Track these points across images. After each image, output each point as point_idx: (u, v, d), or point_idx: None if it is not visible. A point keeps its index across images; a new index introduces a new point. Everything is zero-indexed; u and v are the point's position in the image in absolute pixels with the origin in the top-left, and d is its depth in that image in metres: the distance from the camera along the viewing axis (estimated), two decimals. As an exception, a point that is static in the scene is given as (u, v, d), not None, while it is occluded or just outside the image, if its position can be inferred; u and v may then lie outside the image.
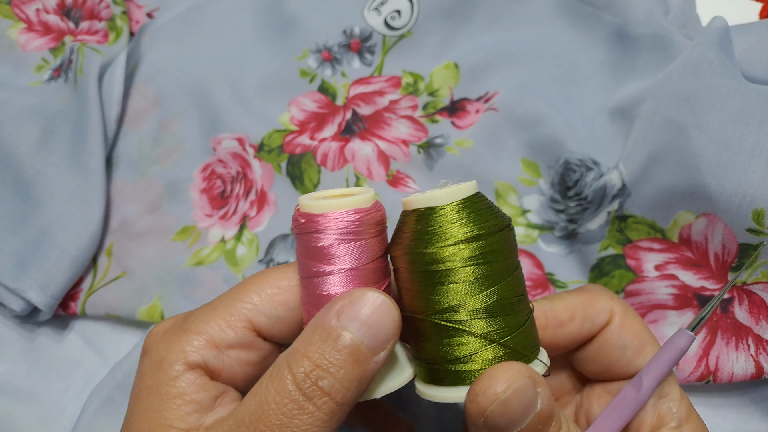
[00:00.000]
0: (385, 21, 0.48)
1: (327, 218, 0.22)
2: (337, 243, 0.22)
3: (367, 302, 0.20)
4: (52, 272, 0.38)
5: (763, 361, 0.33)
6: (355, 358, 0.20)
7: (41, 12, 0.51)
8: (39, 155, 0.42)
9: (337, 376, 0.19)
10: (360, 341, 0.20)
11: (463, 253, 0.20)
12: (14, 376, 0.38)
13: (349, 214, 0.21)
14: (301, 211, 0.22)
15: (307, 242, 0.22)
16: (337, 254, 0.22)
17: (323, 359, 0.19)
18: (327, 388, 0.19)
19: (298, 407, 0.19)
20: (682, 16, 0.45)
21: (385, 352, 0.20)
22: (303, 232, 0.22)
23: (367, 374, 0.20)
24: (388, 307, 0.20)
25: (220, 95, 0.46)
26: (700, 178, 0.34)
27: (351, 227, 0.21)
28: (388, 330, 0.20)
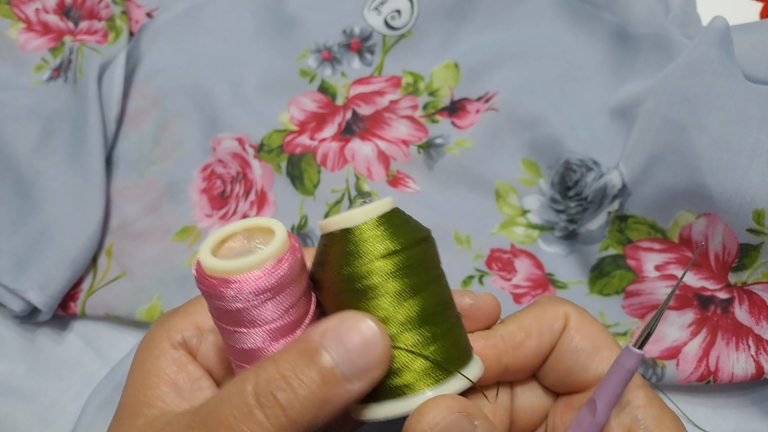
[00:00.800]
0: (385, 21, 0.48)
1: (236, 283, 0.18)
2: (253, 307, 0.19)
3: (358, 328, 0.19)
4: (51, 272, 0.38)
5: (764, 361, 0.33)
6: (324, 380, 0.18)
7: (41, 12, 0.51)
8: (38, 155, 0.42)
9: (297, 392, 0.18)
10: (335, 364, 0.19)
11: (384, 268, 0.20)
12: (14, 377, 0.38)
13: (263, 274, 0.19)
14: (203, 273, 0.19)
15: (217, 305, 0.19)
16: (256, 316, 0.19)
17: (290, 371, 0.18)
18: (283, 401, 0.18)
19: (248, 412, 0.18)
20: (682, 15, 0.45)
21: (362, 383, 0.19)
22: (215, 296, 0.19)
23: (334, 400, 0.18)
24: (377, 338, 0.19)
25: (220, 95, 0.46)
26: (700, 178, 0.34)
27: (278, 282, 0.19)
28: (371, 360, 0.19)
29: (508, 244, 0.41)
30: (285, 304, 0.19)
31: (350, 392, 0.19)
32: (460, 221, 0.41)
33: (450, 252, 0.40)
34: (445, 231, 0.40)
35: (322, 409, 0.18)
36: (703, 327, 0.35)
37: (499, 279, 0.39)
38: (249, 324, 0.19)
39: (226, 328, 0.20)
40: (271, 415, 0.18)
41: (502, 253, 0.40)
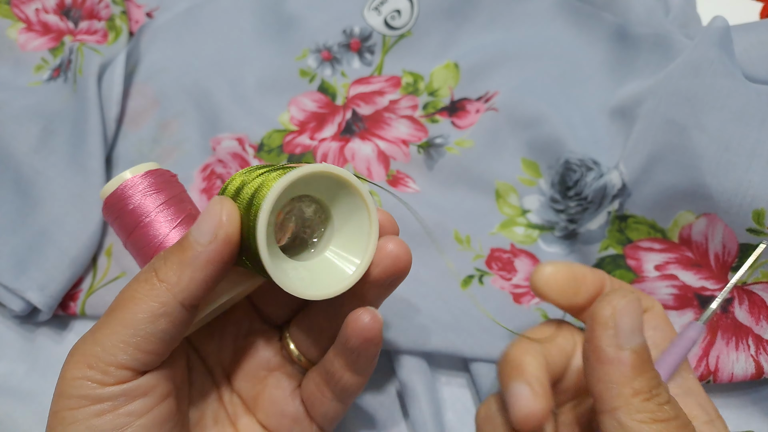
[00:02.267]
0: (385, 20, 0.48)
1: (126, 187, 0.28)
2: (139, 201, 0.28)
3: (208, 204, 0.24)
4: (51, 272, 0.38)
5: (764, 361, 0.33)
6: (180, 244, 0.24)
7: (40, 12, 0.51)
8: (38, 155, 0.42)
9: (166, 260, 0.23)
10: (189, 233, 0.24)
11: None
12: (13, 377, 0.38)
13: (140, 177, 0.29)
14: (105, 198, 0.28)
15: (122, 216, 0.28)
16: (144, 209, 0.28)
17: (168, 249, 0.24)
18: (156, 266, 0.24)
19: (135, 280, 0.24)
20: (682, 15, 0.45)
21: (212, 242, 0.23)
22: (114, 213, 0.28)
23: (191, 259, 0.23)
24: (214, 202, 0.24)
25: (220, 95, 0.46)
26: (700, 178, 0.34)
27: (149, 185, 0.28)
28: (212, 218, 0.23)
29: (508, 243, 0.41)
30: (159, 201, 0.28)
31: (207, 252, 0.23)
32: (460, 221, 0.41)
33: (450, 252, 0.40)
34: (445, 231, 0.40)
35: (184, 270, 0.23)
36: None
37: (499, 279, 0.39)
38: (143, 217, 0.28)
39: (132, 234, 0.28)
40: (149, 276, 0.24)
41: (502, 252, 0.40)
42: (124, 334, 0.23)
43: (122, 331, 0.23)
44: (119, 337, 0.23)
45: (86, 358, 0.23)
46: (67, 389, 0.23)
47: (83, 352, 0.23)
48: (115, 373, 0.23)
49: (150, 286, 0.23)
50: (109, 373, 0.23)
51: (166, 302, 0.23)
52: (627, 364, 0.22)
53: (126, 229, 0.29)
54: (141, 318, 0.23)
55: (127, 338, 0.23)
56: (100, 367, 0.23)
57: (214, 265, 0.23)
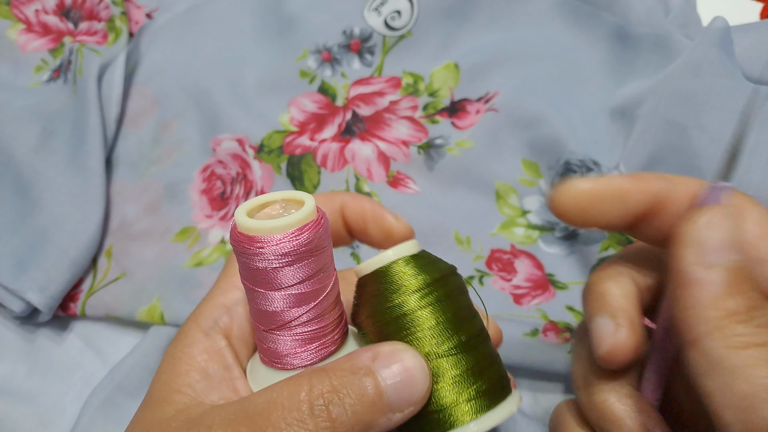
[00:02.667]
0: (385, 21, 0.48)
1: (260, 243, 0.20)
2: (274, 268, 0.20)
3: (406, 358, 0.20)
4: (51, 273, 0.38)
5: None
6: (372, 404, 0.19)
7: (40, 13, 0.51)
8: (38, 156, 0.42)
9: (348, 409, 0.19)
10: (384, 390, 0.19)
11: (420, 302, 0.21)
12: (14, 378, 0.38)
13: (292, 235, 0.20)
14: (239, 232, 0.21)
15: (244, 262, 0.21)
16: (276, 278, 0.20)
17: (344, 387, 0.19)
18: (334, 414, 0.19)
19: (299, 419, 0.19)
20: (682, 16, 0.45)
21: (402, 414, 0.20)
22: (243, 253, 0.21)
23: (376, 425, 0.19)
24: (423, 371, 0.20)
25: (220, 96, 0.46)
26: (700, 177, 0.34)
27: (296, 249, 0.20)
28: (416, 393, 0.20)
29: (509, 244, 0.41)
30: (305, 271, 0.21)
31: (391, 420, 0.19)
32: (460, 222, 0.41)
33: (450, 252, 0.40)
34: (446, 231, 0.40)
35: (361, 426, 0.19)
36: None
37: (499, 279, 0.39)
38: (270, 284, 0.21)
39: (251, 288, 0.21)
40: (321, 425, 0.18)
41: (503, 253, 0.40)
42: None
43: None
44: None
45: None
46: None
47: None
48: None
49: (314, 422, 0.19)
50: None
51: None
52: (717, 283, 0.18)
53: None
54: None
55: None
56: None
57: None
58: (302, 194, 0.22)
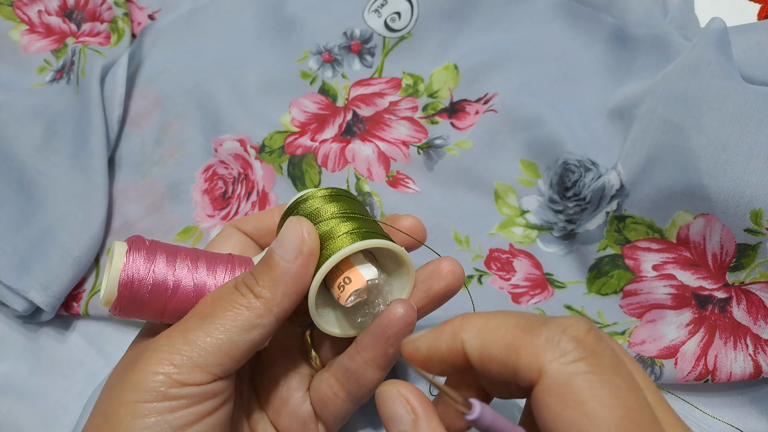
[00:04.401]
0: (385, 23, 0.48)
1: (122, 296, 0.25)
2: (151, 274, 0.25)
3: (286, 224, 0.26)
4: (54, 272, 0.38)
5: (762, 360, 0.33)
6: (266, 262, 0.25)
7: (43, 14, 0.51)
8: (41, 156, 0.43)
9: (255, 276, 0.25)
10: (272, 248, 0.25)
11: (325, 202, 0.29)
12: (16, 376, 0.39)
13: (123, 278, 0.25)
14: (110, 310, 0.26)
15: (140, 307, 0.26)
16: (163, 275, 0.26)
17: (254, 270, 0.26)
18: (249, 283, 0.25)
19: (228, 292, 0.25)
20: (680, 17, 0.45)
21: (298, 257, 0.25)
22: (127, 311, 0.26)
23: (280, 275, 0.25)
24: (293, 222, 0.26)
25: (222, 96, 0.46)
26: (698, 178, 0.34)
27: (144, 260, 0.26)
28: (294, 236, 0.25)
29: (507, 244, 0.41)
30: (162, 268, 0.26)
31: (292, 268, 0.25)
32: (459, 221, 0.41)
33: (449, 252, 0.40)
34: (445, 231, 0.41)
35: (276, 286, 0.25)
36: (701, 326, 0.35)
37: (498, 279, 0.40)
38: (167, 304, 0.26)
39: (166, 312, 0.26)
40: (243, 292, 0.25)
41: (501, 253, 0.41)
42: (219, 339, 0.24)
43: (218, 336, 0.24)
44: (214, 342, 0.24)
45: (172, 356, 0.24)
46: (145, 382, 0.23)
47: (170, 349, 0.24)
48: (199, 375, 0.24)
49: (247, 300, 0.25)
50: (194, 374, 0.24)
51: (262, 315, 0.25)
52: None
53: (156, 308, 0.26)
54: (237, 326, 0.24)
55: (221, 343, 0.24)
56: (186, 367, 0.24)
57: (303, 279, 0.25)
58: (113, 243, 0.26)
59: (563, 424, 0.18)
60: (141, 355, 0.24)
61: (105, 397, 0.25)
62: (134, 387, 0.23)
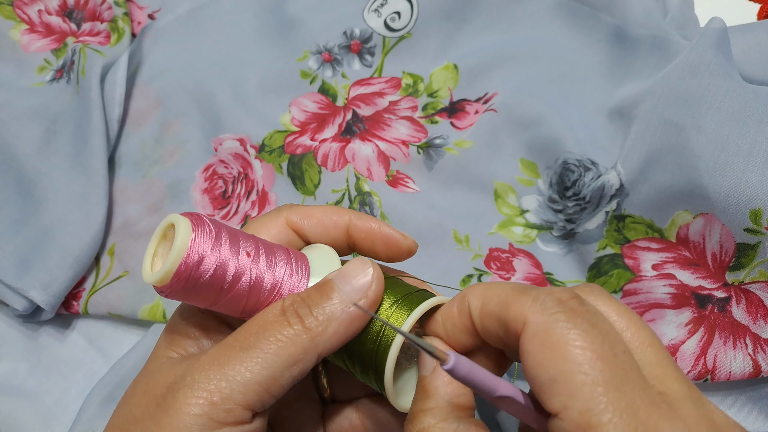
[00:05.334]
0: (385, 22, 0.48)
1: (177, 277, 0.22)
2: (210, 275, 0.23)
3: (350, 264, 0.24)
4: (54, 272, 0.38)
5: (761, 359, 0.33)
6: (326, 293, 0.23)
7: (43, 13, 0.51)
8: (41, 156, 0.43)
9: (312, 307, 0.23)
10: (335, 282, 0.24)
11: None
12: (16, 375, 0.39)
13: (188, 256, 0.22)
14: (160, 289, 0.23)
15: (194, 299, 0.23)
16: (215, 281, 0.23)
17: (308, 295, 0.24)
18: (301, 313, 0.23)
19: (275, 321, 0.23)
20: (680, 17, 0.45)
21: (361, 300, 0.23)
22: (181, 296, 0.23)
23: (337, 315, 0.23)
24: (363, 262, 0.24)
25: (222, 96, 0.46)
26: (697, 178, 0.34)
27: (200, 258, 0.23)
28: (363, 280, 0.24)
29: (507, 243, 0.41)
30: (225, 254, 0.23)
31: (353, 309, 0.23)
32: (459, 221, 0.41)
33: (449, 251, 0.40)
34: (445, 230, 0.41)
35: (330, 323, 0.23)
36: (701, 326, 0.35)
37: (497, 278, 0.40)
38: (215, 296, 0.23)
39: (218, 302, 0.24)
40: (293, 322, 0.23)
41: (501, 252, 0.41)
42: (259, 375, 0.22)
43: (262, 371, 0.22)
44: (254, 378, 0.22)
45: (210, 393, 0.22)
46: (182, 422, 0.22)
47: (207, 386, 0.22)
48: (238, 412, 0.22)
49: (295, 332, 0.23)
50: (233, 412, 0.22)
51: (307, 350, 0.23)
52: None
53: (211, 292, 0.24)
54: (280, 361, 0.22)
55: (261, 379, 0.22)
56: (225, 406, 0.22)
57: (358, 323, 0.23)
58: (167, 219, 0.24)
59: (543, 367, 0.19)
60: (176, 391, 0.22)
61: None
62: (171, 426, 0.22)
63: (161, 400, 0.22)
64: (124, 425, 0.23)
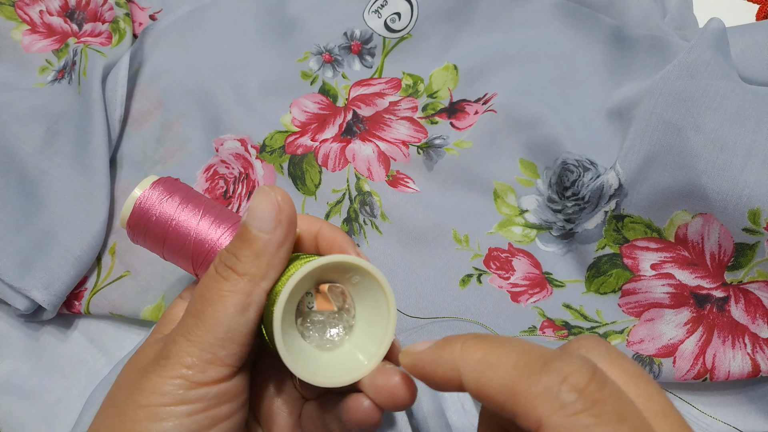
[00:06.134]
0: (385, 23, 0.48)
1: (142, 203, 0.29)
2: (161, 206, 0.29)
3: (256, 194, 0.25)
4: (56, 271, 0.38)
5: (760, 359, 0.34)
6: (243, 236, 0.25)
7: (45, 14, 0.51)
8: (43, 155, 0.43)
9: (234, 253, 0.25)
10: (247, 222, 0.25)
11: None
12: (18, 375, 0.39)
13: (149, 189, 0.29)
14: (126, 221, 0.29)
15: (149, 231, 0.29)
16: (170, 211, 0.29)
17: (230, 246, 0.25)
18: (229, 263, 0.25)
19: (212, 280, 0.25)
20: (679, 17, 0.45)
21: (277, 227, 0.24)
22: (140, 231, 0.29)
23: (263, 248, 0.24)
24: (263, 189, 0.25)
25: (223, 97, 0.46)
26: (696, 178, 0.35)
27: (161, 193, 0.29)
28: (269, 205, 0.24)
29: (506, 243, 0.41)
30: (176, 203, 0.29)
31: (272, 242, 0.24)
32: (458, 221, 0.41)
33: (449, 251, 0.40)
34: (444, 230, 0.41)
35: (259, 260, 0.24)
36: (700, 325, 0.35)
37: (497, 278, 0.40)
38: (170, 221, 0.29)
39: (166, 242, 0.29)
40: (226, 275, 0.25)
41: (500, 252, 0.41)
42: (219, 331, 0.24)
43: (218, 328, 0.24)
44: (216, 334, 0.24)
45: (182, 359, 0.24)
46: (163, 386, 0.23)
47: (177, 355, 0.24)
48: (213, 371, 0.24)
49: (232, 282, 0.24)
50: (208, 371, 0.24)
51: (251, 292, 0.24)
52: None
53: (157, 240, 0.29)
54: (232, 312, 0.24)
55: (223, 334, 0.24)
56: (198, 366, 0.23)
57: (285, 247, 0.25)
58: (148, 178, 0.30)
59: None
60: (156, 363, 0.24)
61: (119, 400, 0.24)
62: (152, 391, 0.23)
63: (143, 372, 0.24)
64: (112, 396, 0.25)
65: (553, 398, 0.17)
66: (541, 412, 0.17)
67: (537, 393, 0.17)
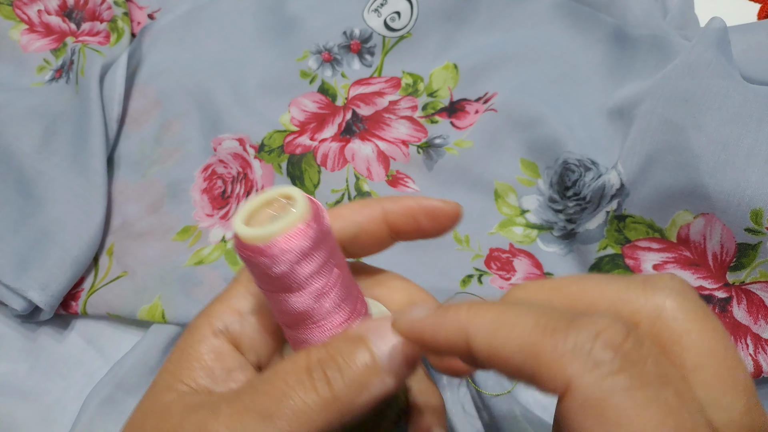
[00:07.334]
0: (384, 22, 0.48)
1: (271, 248, 0.19)
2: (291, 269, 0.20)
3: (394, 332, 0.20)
4: (53, 272, 0.38)
5: (762, 360, 0.33)
6: (367, 367, 0.20)
7: (43, 13, 0.51)
8: (40, 155, 0.43)
9: (343, 372, 0.20)
10: (378, 355, 0.20)
11: None
12: (15, 376, 0.39)
13: (298, 233, 0.19)
14: (241, 244, 0.20)
15: (259, 272, 0.20)
16: (296, 277, 0.20)
17: (339, 354, 0.20)
18: (330, 377, 0.19)
19: (299, 381, 0.19)
20: (680, 17, 0.45)
21: (395, 380, 0.20)
22: (251, 264, 0.20)
23: (371, 388, 0.20)
24: (411, 345, 0.20)
25: (221, 96, 0.46)
26: (698, 177, 0.34)
27: (302, 247, 0.19)
28: (406, 361, 0.20)
29: (507, 243, 0.41)
30: (320, 262, 0.20)
31: (385, 385, 0.20)
32: (459, 221, 0.41)
33: (449, 251, 0.40)
34: (445, 231, 0.41)
35: (361, 393, 0.20)
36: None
37: (498, 278, 0.40)
38: (288, 287, 0.20)
39: (274, 295, 0.21)
40: (319, 387, 0.19)
41: (501, 252, 0.41)
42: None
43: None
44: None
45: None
46: None
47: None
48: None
49: (318, 396, 0.19)
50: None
51: (332, 422, 0.19)
52: None
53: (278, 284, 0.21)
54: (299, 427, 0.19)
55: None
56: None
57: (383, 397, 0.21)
58: (285, 189, 0.21)
59: None
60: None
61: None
62: None
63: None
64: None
65: (585, 356, 0.15)
66: (570, 372, 0.15)
67: (564, 351, 0.15)
